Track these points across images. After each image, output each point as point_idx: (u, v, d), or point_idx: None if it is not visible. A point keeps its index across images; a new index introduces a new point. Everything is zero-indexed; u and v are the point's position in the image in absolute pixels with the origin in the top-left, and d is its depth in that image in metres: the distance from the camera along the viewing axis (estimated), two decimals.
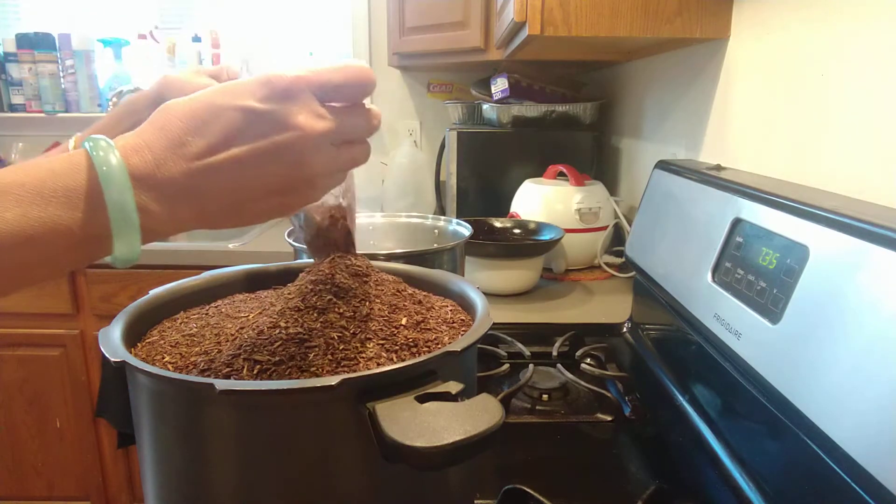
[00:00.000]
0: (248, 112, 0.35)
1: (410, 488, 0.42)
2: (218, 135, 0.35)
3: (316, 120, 0.37)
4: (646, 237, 0.91)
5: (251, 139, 0.35)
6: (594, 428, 0.76)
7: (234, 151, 0.35)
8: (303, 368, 0.41)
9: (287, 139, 0.36)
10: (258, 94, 0.36)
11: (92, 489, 1.77)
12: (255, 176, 0.36)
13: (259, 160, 0.36)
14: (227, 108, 0.35)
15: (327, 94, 0.38)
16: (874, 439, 0.40)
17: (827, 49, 0.70)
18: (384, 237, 1.04)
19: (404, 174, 1.96)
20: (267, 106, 0.35)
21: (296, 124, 0.36)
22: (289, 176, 0.37)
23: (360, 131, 0.40)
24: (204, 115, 0.35)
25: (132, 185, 0.33)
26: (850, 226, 0.47)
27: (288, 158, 0.36)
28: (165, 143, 0.34)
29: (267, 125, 0.35)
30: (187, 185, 0.35)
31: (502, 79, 1.59)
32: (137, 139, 0.35)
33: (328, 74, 0.38)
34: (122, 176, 0.33)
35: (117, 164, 0.33)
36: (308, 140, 0.36)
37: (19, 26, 2.23)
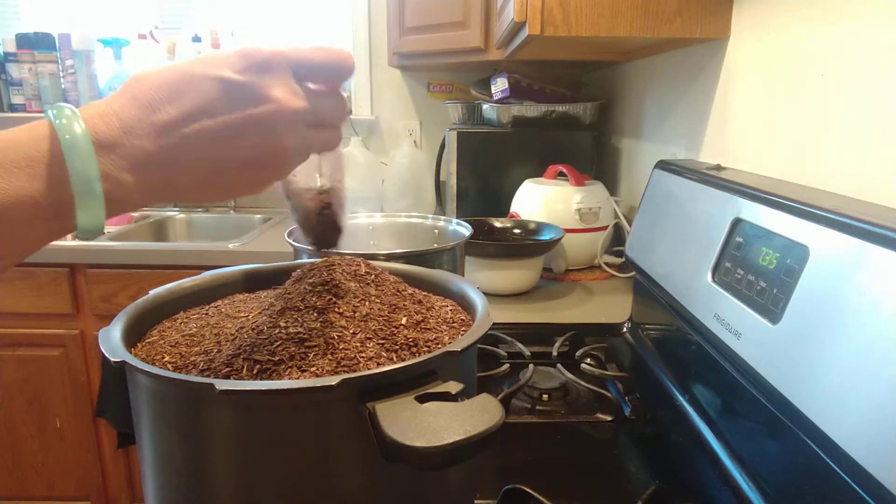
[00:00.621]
0: (225, 82, 0.34)
1: (410, 488, 0.42)
2: (192, 104, 0.34)
3: (292, 96, 0.36)
4: (646, 237, 0.91)
5: (226, 110, 0.35)
6: (594, 428, 0.76)
7: (207, 122, 0.34)
8: (303, 368, 0.41)
9: (263, 112, 0.35)
10: (236, 65, 0.35)
11: (92, 489, 1.77)
12: (228, 147, 0.35)
13: (233, 131, 0.35)
14: (202, 77, 0.34)
15: (305, 74, 0.38)
16: (874, 439, 0.40)
17: (827, 49, 0.70)
18: (384, 237, 1.04)
19: (404, 174, 1.96)
20: (244, 77, 0.35)
21: (272, 97, 0.35)
22: (262, 149, 0.36)
23: (334, 115, 0.40)
24: (178, 84, 0.34)
25: (97, 153, 0.32)
26: (850, 226, 0.47)
27: (262, 131, 0.36)
28: (135, 111, 0.34)
29: (243, 97, 0.35)
30: (157, 154, 0.34)
31: (502, 79, 1.59)
32: (105, 106, 0.34)
33: (308, 53, 0.38)
34: (85, 144, 0.32)
35: (81, 133, 0.32)
36: (283, 114, 0.36)
37: (19, 26, 2.23)
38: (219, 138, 0.35)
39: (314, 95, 0.38)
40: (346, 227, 0.52)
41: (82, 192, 0.32)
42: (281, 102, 0.35)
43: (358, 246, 1.02)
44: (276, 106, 0.35)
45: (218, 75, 0.35)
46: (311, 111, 0.37)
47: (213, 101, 0.34)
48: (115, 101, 0.34)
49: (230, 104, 0.35)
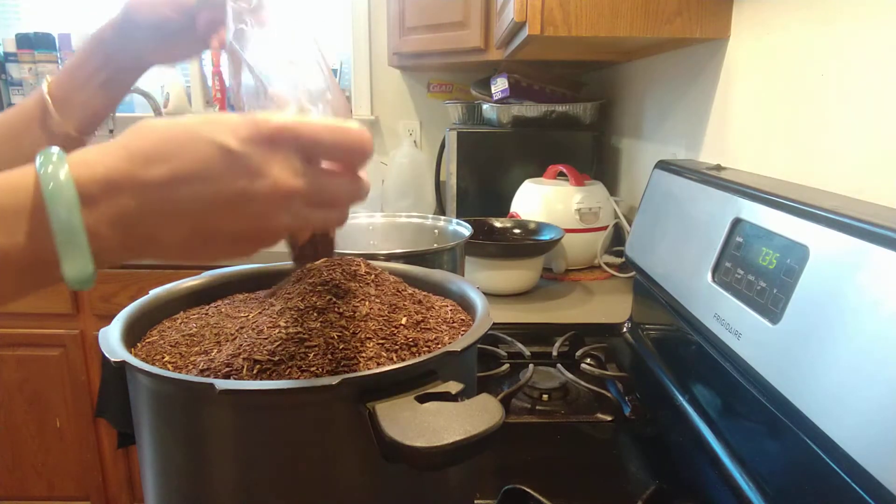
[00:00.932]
0: (223, 150, 0.33)
1: (410, 488, 0.42)
2: (184, 166, 0.32)
3: (291, 176, 0.34)
4: (646, 237, 0.91)
5: (219, 179, 0.33)
6: (594, 428, 0.76)
7: (197, 188, 0.32)
8: (303, 368, 0.41)
9: (256, 188, 0.33)
10: (240, 133, 0.33)
11: (92, 489, 1.77)
12: (216, 218, 0.33)
13: (221, 204, 0.33)
14: (202, 139, 0.33)
15: (314, 152, 0.35)
16: (874, 439, 0.40)
17: (827, 49, 0.70)
18: (384, 237, 1.04)
19: (404, 174, 1.96)
20: (244, 148, 0.33)
21: (269, 174, 0.33)
22: (251, 225, 0.34)
23: (341, 197, 0.37)
24: (175, 142, 0.33)
25: (81, 202, 0.31)
26: (850, 226, 0.47)
27: (251, 209, 0.33)
28: (125, 164, 0.32)
29: (239, 168, 0.33)
30: (138, 213, 0.32)
31: (502, 79, 1.59)
32: (94, 154, 0.32)
33: (320, 131, 0.35)
34: (69, 192, 0.30)
35: (65, 180, 0.30)
36: (277, 195, 0.33)
37: (19, 26, 2.23)
38: (207, 207, 0.33)
39: (321, 175, 0.36)
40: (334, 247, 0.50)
41: (66, 243, 0.31)
42: (277, 181, 0.33)
43: (358, 246, 1.02)
44: (271, 184, 0.33)
45: (218, 141, 0.33)
46: (312, 192, 0.35)
47: (208, 167, 0.32)
48: (107, 149, 0.33)
49: (224, 174, 0.33)
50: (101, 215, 0.31)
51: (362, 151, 0.36)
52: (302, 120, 0.35)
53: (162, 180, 0.32)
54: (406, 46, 1.86)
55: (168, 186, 0.32)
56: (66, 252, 0.31)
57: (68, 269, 0.31)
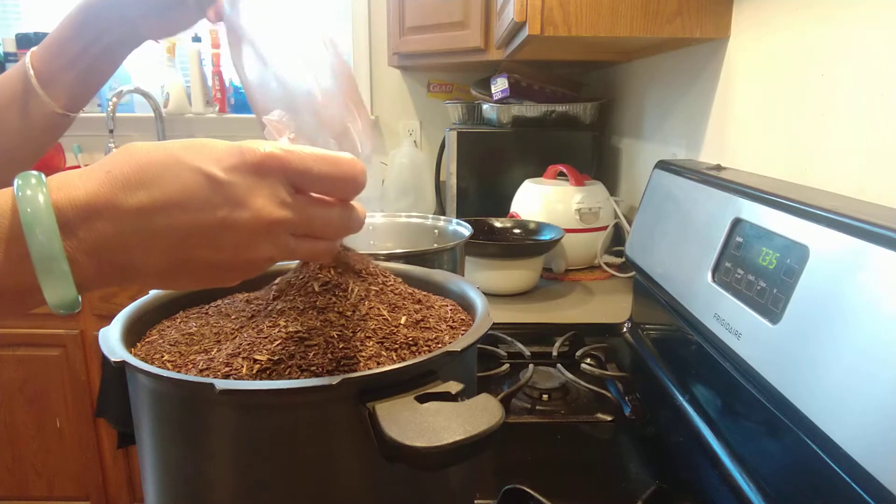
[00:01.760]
0: (206, 178, 0.31)
1: (410, 488, 0.42)
2: (165, 194, 0.31)
3: (276, 206, 0.33)
4: (646, 237, 0.91)
5: (200, 208, 0.31)
6: (594, 428, 0.76)
7: (177, 216, 0.31)
8: (302, 367, 0.41)
9: (237, 220, 0.32)
10: (225, 161, 0.32)
11: (92, 489, 1.77)
12: (196, 248, 0.32)
13: (200, 234, 0.32)
14: (186, 167, 0.31)
15: (302, 182, 0.34)
16: (874, 439, 0.40)
17: (827, 49, 0.70)
18: (384, 237, 1.04)
19: (404, 174, 1.96)
20: (227, 177, 0.31)
21: (252, 205, 0.32)
22: (230, 257, 0.33)
23: (331, 229, 0.36)
24: (158, 168, 0.31)
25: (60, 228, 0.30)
26: (850, 226, 0.47)
27: (232, 240, 0.32)
28: (105, 189, 0.31)
29: (220, 198, 0.31)
30: (118, 243, 0.31)
31: (502, 79, 1.59)
32: (76, 178, 0.31)
33: (309, 161, 0.34)
34: (48, 217, 0.29)
35: (44, 205, 0.29)
36: (259, 226, 0.32)
37: (19, 26, 2.23)
38: (185, 236, 0.32)
39: (309, 206, 0.34)
40: None
41: (45, 269, 0.30)
42: (260, 212, 0.32)
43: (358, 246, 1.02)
44: (253, 214, 0.32)
45: (202, 168, 0.31)
46: (297, 224, 0.34)
47: (189, 195, 0.31)
48: (89, 174, 0.31)
49: (206, 203, 0.31)
50: (79, 242, 0.31)
51: (354, 183, 0.35)
52: (291, 149, 0.33)
53: (141, 207, 0.31)
54: (406, 46, 1.86)
55: (147, 214, 0.31)
56: (46, 279, 0.30)
57: (50, 296, 0.31)
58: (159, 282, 0.34)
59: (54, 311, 0.32)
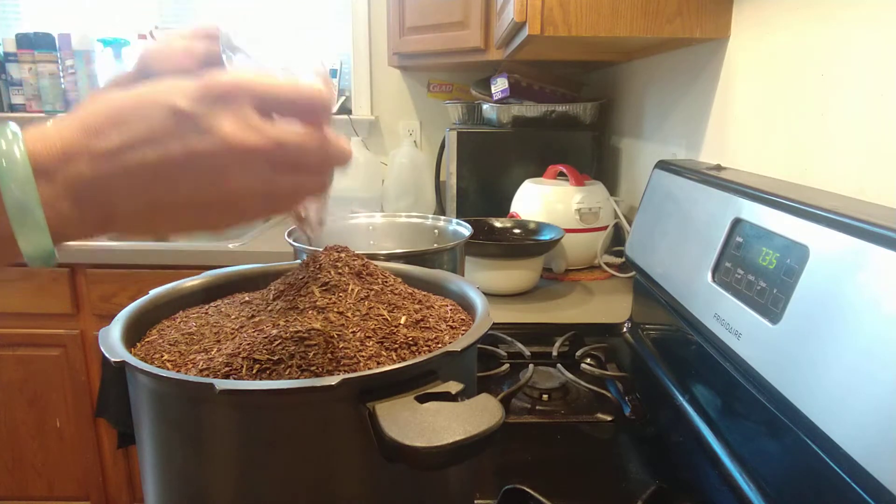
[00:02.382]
0: (173, 111, 0.32)
1: (410, 488, 0.42)
2: (135, 132, 0.32)
3: (246, 131, 0.32)
4: (646, 237, 0.91)
5: (169, 141, 0.32)
6: (594, 428, 0.76)
7: (147, 152, 0.32)
8: (302, 367, 0.41)
9: (205, 148, 0.32)
10: (190, 93, 0.32)
11: (92, 489, 1.77)
12: (168, 182, 0.32)
13: (171, 167, 0.32)
14: (152, 104, 0.32)
15: (270, 106, 0.34)
16: (874, 439, 0.40)
17: (827, 49, 0.70)
18: (384, 237, 1.04)
19: (404, 174, 1.96)
20: (193, 107, 0.32)
21: (219, 132, 0.32)
22: (205, 188, 0.33)
23: (309, 158, 0.35)
24: (127, 110, 0.32)
25: (36, 178, 0.30)
26: (850, 226, 0.47)
27: (202, 170, 0.32)
28: (79, 135, 0.32)
29: (187, 128, 0.32)
30: (93, 182, 0.32)
31: (502, 79, 1.59)
32: (51, 129, 0.32)
33: (274, 84, 0.34)
34: (23, 169, 0.30)
35: (20, 157, 0.30)
36: (230, 153, 0.32)
37: (19, 26, 2.23)
38: (158, 171, 0.32)
39: (281, 131, 0.34)
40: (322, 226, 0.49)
41: (19, 219, 0.30)
42: (229, 138, 0.32)
43: (358, 246, 1.02)
44: (222, 142, 0.32)
45: (168, 103, 0.32)
46: (272, 149, 0.33)
47: (158, 130, 0.32)
48: (63, 123, 0.32)
49: (174, 135, 0.32)
50: (58, 188, 0.31)
51: (322, 103, 0.35)
52: (254, 75, 0.34)
53: (114, 148, 0.32)
54: (406, 46, 1.86)
55: (120, 153, 0.32)
56: (20, 229, 0.31)
57: (24, 245, 0.31)
58: (140, 225, 0.34)
59: (30, 263, 0.32)
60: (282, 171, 0.34)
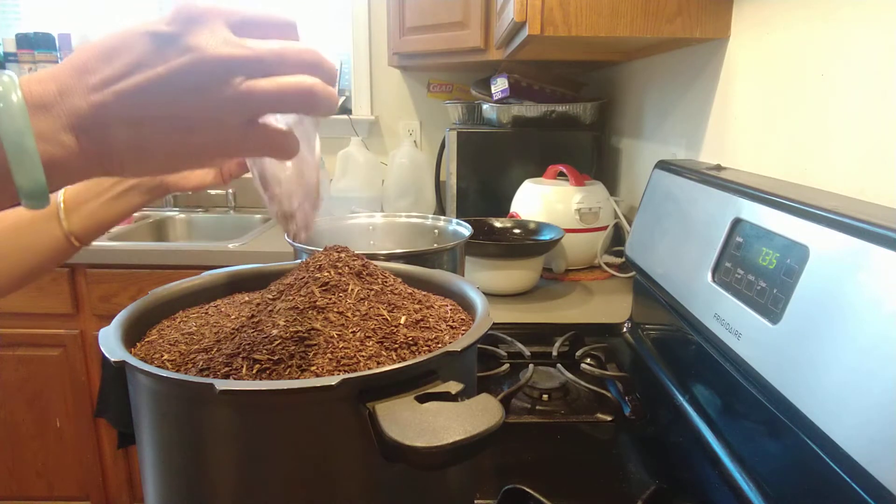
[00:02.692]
0: (153, 35, 0.34)
1: (410, 488, 0.42)
2: (123, 62, 0.34)
3: (221, 44, 0.34)
4: (646, 237, 0.91)
5: (153, 63, 0.34)
6: (594, 428, 0.76)
7: (136, 77, 0.33)
8: (302, 367, 0.41)
9: (184, 62, 0.33)
10: (166, 19, 0.34)
11: (92, 489, 1.77)
12: (155, 104, 0.34)
13: (156, 87, 0.34)
14: (134, 34, 0.34)
15: (243, 27, 0.35)
16: (874, 439, 0.40)
17: (827, 49, 0.70)
18: (384, 237, 1.04)
19: (404, 174, 1.96)
20: (171, 29, 0.34)
21: (195, 46, 0.33)
22: (187, 108, 0.34)
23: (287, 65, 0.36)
24: (113, 45, 0.34)
25: (31, 112, 0.32)
26: (850, 226, 0.47)
27: (185, 84, 0.34)
28: (71, 72, 0.34)
29: (167, 48, 0.34)
30: (90, 114, 0.34)
31: (502, 79, 1.59)
32: (44, 73, 0.34)
33: (248, 9, 0.36)
34: (19, 108, 0.32)
35: (17, 100, 0.32)
36: (207, 64, 0.34)
37: (19, 26, 2.23)
38: (145, 95, 0.34)
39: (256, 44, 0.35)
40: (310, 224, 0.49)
41: (15, 149, 0.32)
42: (205, 50, 0.33)
43: (358, 246, 1.02)
44: (199, 55, 0.33)
45: (148, 30, 0.34)
46: (249, 60, 0.34)
47: (142, 55, 0.34)
48: (55, 67, 0.34)
49: (156, 57, 0.34)
50: (55, 122, 0.33)
51: (292, 25, 0.37)
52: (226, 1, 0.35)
53: (105, 79, 0.34)
54: (406, 46, 1.86)
55: (110, 83, 0.34)
56: (16, 159, 0.32)
57: (20, 180, 0.33)
58: (135, 156, 0.36)
59: (25, 201, 0.34)
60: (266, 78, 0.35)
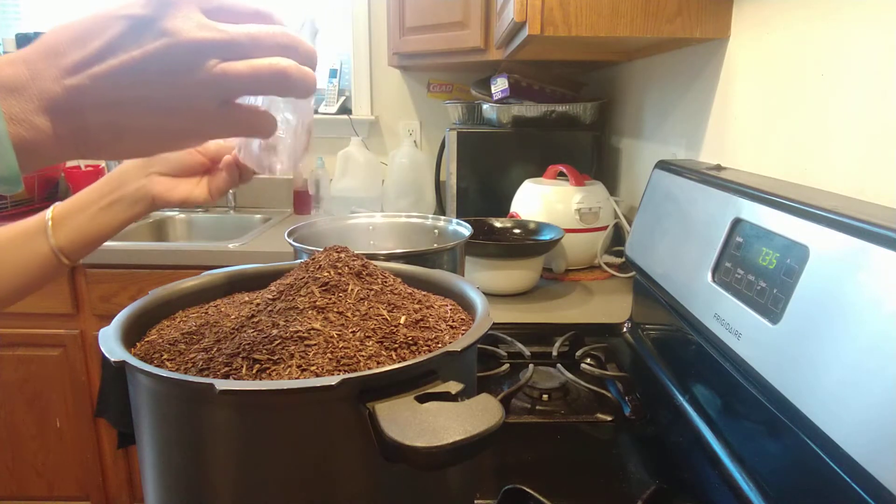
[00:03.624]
0: (127, 18, 0.33)
1: (410, 488, 0.42)
2: (97, 44, 0.33)
3: (193, 27, 0.33)
4: (646, 237, 0.91)
5: (127, 47, 0.33)
6: (594, 428, 0.76)
7: (111, 61, 0.33)
8: (302, 367, 0.41)
9: (159, 46, 0.33)
10: (142, 1, 0.34)
11: (92, 489, 1.77)
12: (131, 88, 0.34)
13: (131, 70, 0.33)
14: (108, 16, 0.34)
15: (217, 13, 0.35)
16: (874, 439, 0.40)
17: (827, 49, 0.70)
18: (384, 237, 1.04)
19: (404, 174, 1.96)
20: (145, 12, 0.33)
21: (169, 29, 0.33)
22: (163, 91, 0.34)
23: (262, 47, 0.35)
24: (86, 27, 0.34)
25: (2, 96, 0.32)
26: (850, 226, 0.47)
27: (160, 68, 0.33)
28: (42, 55, 0.33)
29: (141, 31, 0.33)
30: (64, 97, 0.33)
31: (502, 79, 1.59)
32: (14, 55, 0.34)
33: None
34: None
35: None
36: (181, 47, 0.33)
37: (19, 26, 2.23)
38: (119, 79, 0.33)
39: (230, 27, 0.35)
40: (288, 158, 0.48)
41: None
42: (178, 33, 0.33)
43: (358, 246, 1.02)
44: (174, 38, 0.33)
45: (122, 13, 0.34)
46: (223, 43, 0.34)
47: (116, 38, 0.33)
48: (27, 49, 0.34)
49: (130, 40, 0.33)
50: (27, 105, 0.33)
51: (266, 15, 0.37)
52: None
53: (78, 62, 0.33)
54: (406, 46, 1.86)
55: (83, 66, 0.33)
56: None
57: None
58: (109, 140, 0.35)
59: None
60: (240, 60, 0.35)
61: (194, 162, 0.62)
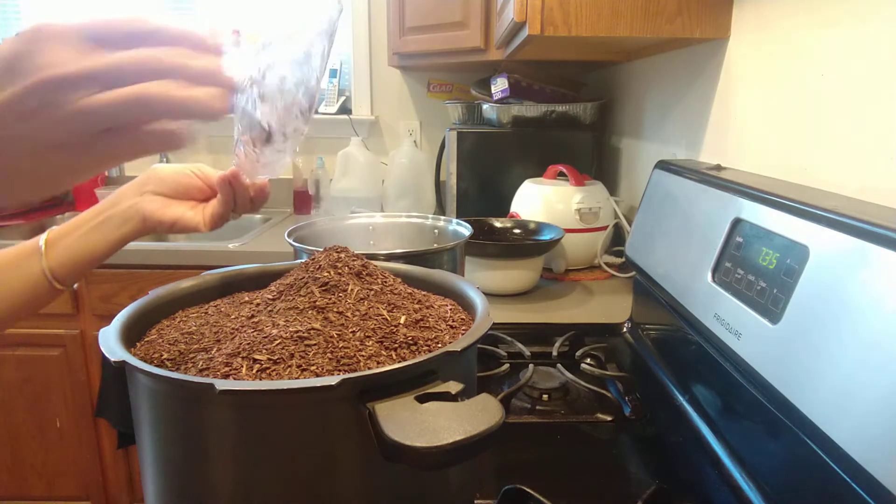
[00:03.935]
0: (9, 55, 0.33)
1: (410, 488, 0.42)
2: None
3: (75, 56, 0.33)
4: (646, 237, 0.91)
5: (10, 84, 0.32)
6: (594, 428, 0.76)
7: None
8: (302, 367, 0.41)
9: (38, 79, 0.32)
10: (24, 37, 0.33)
11: (92, 489, 1.77)
12: (20, 125, 0.33)
13: (18, 105, 0.33)
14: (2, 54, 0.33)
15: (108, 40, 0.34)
16: (874, 439, 0.40)
17: (827, 49, 0.70)
18: (384, 237, 1.04)
19: (404, 174, 1.96)
20: (22, 48, 0.33)
21: (47, 63, 0.32)
22: (49, 121, 0.33)
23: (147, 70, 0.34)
24: None
25: None
26: (850, 226, 0.47)
27: (41, 100, 0.33)
28: None
29: (23, 67, 0.32)
30: None
31: (502, 79, 1.59)
32: None
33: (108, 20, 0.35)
34: None
35: None
36: (47, 84, 0.32)
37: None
38: (9, 116, 0.33)
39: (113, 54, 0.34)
40: None
41: None
42: (56, 67, 0.32)
43: (358, 246, 1.02)
44: (51, 71, 0.32)
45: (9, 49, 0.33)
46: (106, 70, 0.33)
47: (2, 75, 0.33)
48: None
49: (13, 76, 0.33)
50: None
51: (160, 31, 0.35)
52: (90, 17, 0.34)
53: None
54: (406, 46, 1.86)
55: None
56: None
57: None
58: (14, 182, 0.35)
59: None
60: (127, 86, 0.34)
61: (190, 184, 0.62)
